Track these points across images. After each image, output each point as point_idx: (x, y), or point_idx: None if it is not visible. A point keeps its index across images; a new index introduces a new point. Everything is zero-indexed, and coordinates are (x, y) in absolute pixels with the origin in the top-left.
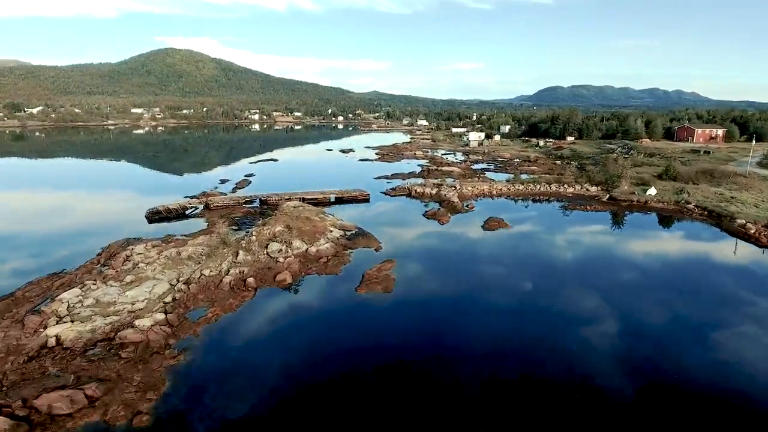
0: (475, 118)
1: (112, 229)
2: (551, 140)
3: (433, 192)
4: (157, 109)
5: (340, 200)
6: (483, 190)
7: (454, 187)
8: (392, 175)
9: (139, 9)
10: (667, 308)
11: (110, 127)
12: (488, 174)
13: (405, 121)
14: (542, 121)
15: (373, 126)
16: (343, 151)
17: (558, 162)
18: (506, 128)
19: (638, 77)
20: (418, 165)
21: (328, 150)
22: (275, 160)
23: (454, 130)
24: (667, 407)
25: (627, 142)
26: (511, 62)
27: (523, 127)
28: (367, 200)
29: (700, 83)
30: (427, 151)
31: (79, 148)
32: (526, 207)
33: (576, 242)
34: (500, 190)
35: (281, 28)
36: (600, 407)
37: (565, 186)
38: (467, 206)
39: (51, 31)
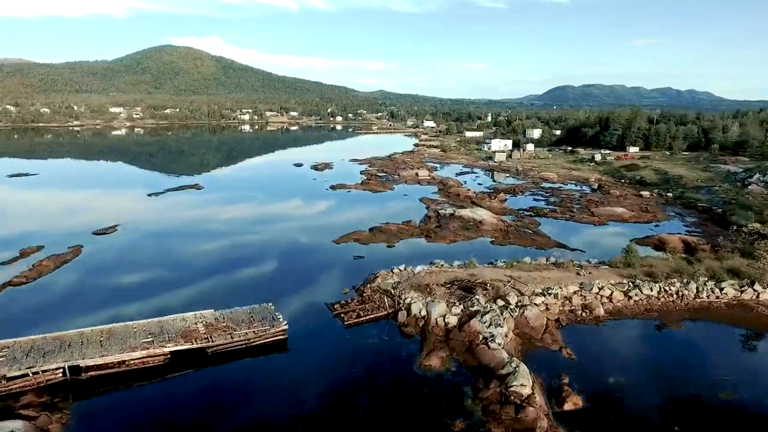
0: (490, 118)
1: None
2: (608, 152)
3: (453, 320)
4: (138, 108)
5: (205, 355)
6: (570, 298)
7: (497, 287)
8: (371, 230)
9: (149, 8)
10: None
11: (76, 128)
12: (543, 224)
13: (409, 122)
14: (585, 124)
15: (373, 128)
16: (315, 168)
17: (645, 193)
18: (535, 133)
19: (649, 76)
20: (420, 199)
21: (296, 166)
22: (198, 189)
23: (468, 134)
24: None
25: None
26: (519, 61)
27: (557, 132)
28: (282, 346)
29: (713, 83)
30: (436, 167)
31: None
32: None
33: None
34: (605, 299)
35: (292, 27)
36: None
37: (756, 289)
38: (556, 403)
39: (61, 31)
